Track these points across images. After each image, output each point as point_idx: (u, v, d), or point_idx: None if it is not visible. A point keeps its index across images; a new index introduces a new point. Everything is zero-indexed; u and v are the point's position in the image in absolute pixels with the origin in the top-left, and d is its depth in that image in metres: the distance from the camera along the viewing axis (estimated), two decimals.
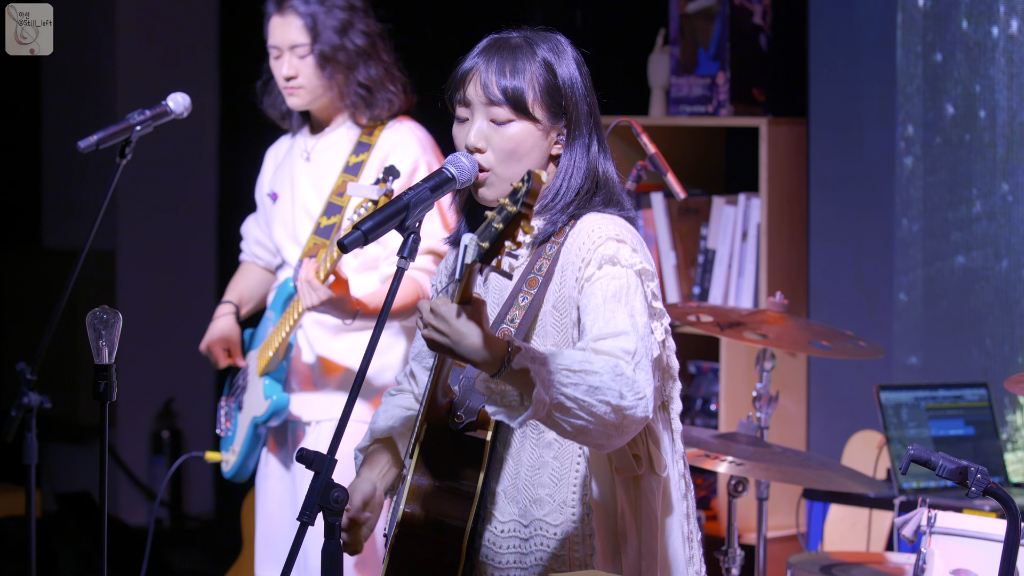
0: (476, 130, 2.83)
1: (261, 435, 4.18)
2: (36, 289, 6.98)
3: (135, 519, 6.97)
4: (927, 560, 3.18)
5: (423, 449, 2.79)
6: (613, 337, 2.67)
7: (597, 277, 2.74)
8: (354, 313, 3.90)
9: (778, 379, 4.88)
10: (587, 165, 2.85)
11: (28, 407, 3.62)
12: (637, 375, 2.63)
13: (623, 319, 2.69)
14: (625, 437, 2.65)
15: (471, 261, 2.47)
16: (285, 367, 4.11)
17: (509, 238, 2.45)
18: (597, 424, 2.59)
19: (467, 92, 2.84)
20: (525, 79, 2.82)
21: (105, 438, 2.98)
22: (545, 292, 2.81)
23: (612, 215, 2.84)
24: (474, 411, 2.79)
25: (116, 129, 3.73)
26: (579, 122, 2.86)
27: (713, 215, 5.18)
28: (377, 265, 4.11)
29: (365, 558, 4.09)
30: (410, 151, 4.10)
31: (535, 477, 2.82)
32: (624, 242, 2.78)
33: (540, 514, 2.81)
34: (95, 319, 2.92)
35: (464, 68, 2.86)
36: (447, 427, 2.79)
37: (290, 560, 2.54)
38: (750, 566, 4.66)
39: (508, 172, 2.82)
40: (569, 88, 2.84)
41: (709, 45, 5.17)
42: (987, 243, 4.76)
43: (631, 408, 2.61)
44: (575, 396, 2.57)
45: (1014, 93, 4.71)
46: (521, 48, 2.84)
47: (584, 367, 2.59)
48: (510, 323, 2.80)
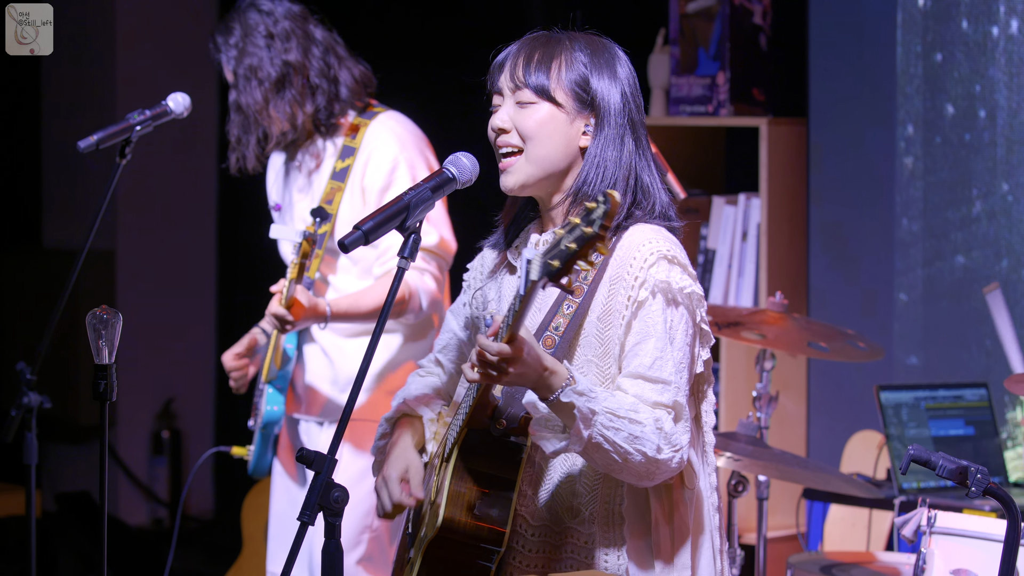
0: (502, 113, 2.85)
1: (269, 437, 4.20)
2: (36, 289, 6.98)
3: (135, 519, 6.97)
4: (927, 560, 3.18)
5: (462, 454, 2.79)
6: (654, 383, 2.73)
7: (650, 305, 2.76)
8: (323, 318, 3.94)
9: (778, 379, 4.88)
10: (622, 162, 2.83)
11: (28, 407, 3.62)
12: (677, 427, 2.72)
13: (669, 367, 2.74)
14: (655, 481, 2.75)
15: (537, 278, 2.47)
16: (284, 376, 4.13)
17: (583, 258, 2.44)
18: (630, 468, 2.69)
19: (499, 81, 2.87)
20: (552, 64, 2.83)
21: (105, 438, 2.98)
22: (591, 302, 2.81)
23: (660, 227, 2.84)
24: (516, 419, 2.80)
25: (116, 129, 3.73)
26: (610, 116, 2.84)
27: (713, 215, 5.18)
28: (371, 268, 4.11)
29: (372, 554, 4.10)
30: (389, 150, 4.08)
31: (569, 485, 2.83)
32: (675, 261, 2.79)
33: (572, 522, 2.83)
34: (95, 319, 2.92)
35: (498, 60, 2.89)
36: (488, 432, 2.81)
37: (290, 560, 2.54)
38: (750, 566, 4.65)
39: (534, 153, 2.82)
40: (602, 86, 2.84)
41: (709, 45, 5.17)
42: (987, 243, 4.76)
43: (667, 460, 2.71)
44: (614, 441, 2.66)
45: (1014, 93, 4.71)
46: (556, 40, 2.86)
47: (630, 415, 2.67)
48: (554, 331, 2.80)
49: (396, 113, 4.17)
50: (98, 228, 3.70)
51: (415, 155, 4.10)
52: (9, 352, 6.98)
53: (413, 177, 4.02)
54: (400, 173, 4.05)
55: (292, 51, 4.05)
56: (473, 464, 2.78)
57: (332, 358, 4.14)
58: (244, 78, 4.05)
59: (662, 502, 2.82)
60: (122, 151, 3.73)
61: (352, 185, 4.07)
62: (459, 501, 2.76)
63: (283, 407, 4.14)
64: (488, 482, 2.78)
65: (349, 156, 4.11)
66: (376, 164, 4.06)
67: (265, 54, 4.04)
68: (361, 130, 4.11)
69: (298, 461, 2.54)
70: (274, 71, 4.04)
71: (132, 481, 7.06)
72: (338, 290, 4.11)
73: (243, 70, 4.04)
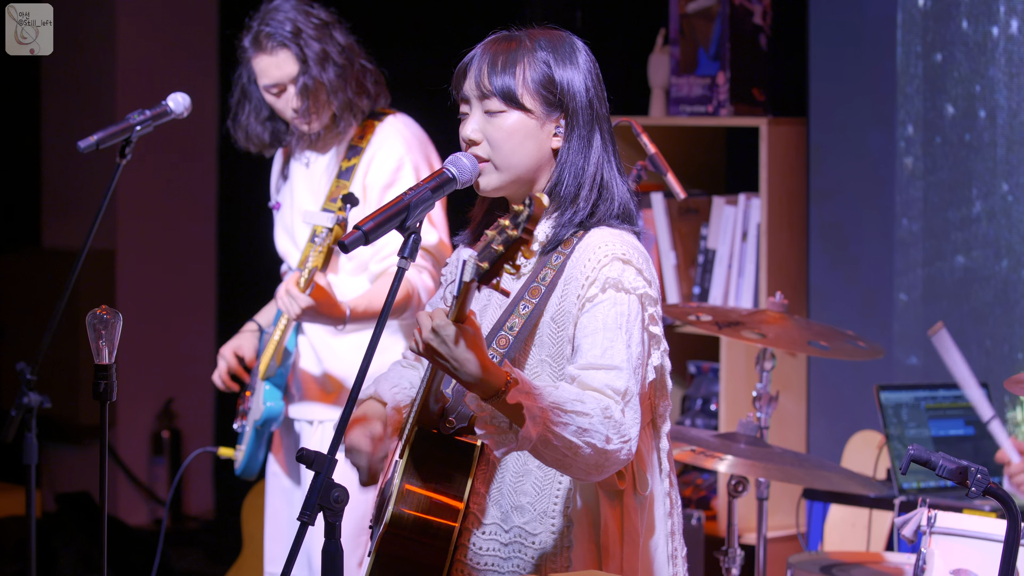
0: (472, 124, 2.84)
1: (263, 436, 4.20)
2: (36, 289, 6.98)
3: (135, 519, 6.97)
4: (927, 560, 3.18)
5: (412, 451, 2.79)
6: (606, 370, 2.70)
7: (599, 300, 2.74)
8: (342, 319, 3.91)
9: (778, 379, 4.88)
10: (591, 160, 2.83)
11: (28, 407, 3.62)
12: (626, 417, 2.68)
13: (619, 352, 2.71)
14: (605, 475, 2.70)
15: (469, 280, 2.48)
16: (284, 373, 4.12)
17: (508, 261, 2.46)
18: (579, 462, 2.64)
19: (464, 88, 2.85)
20: (516, 69, 2.81)
21: (105, 438, 2.98)
22: (546, 303, 2.80)
23: (622, 231, 2.83)
24: (465, 417, 2.79)
25: (116, 129, 3.73)
26: (577, 115, 2.83)
27: (713, 215, 5.18)
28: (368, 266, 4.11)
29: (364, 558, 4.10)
30: (394, 152, 4.09)
31: (518, 484, 2.83)
32: (630, 263, 2.77)
33: (520, 521, 2.82)
34: (95, 319, 2.92)
35: (461, 65, 2.88)
36: (437, 431, 2.80)
37: (290, 560, 2.54)
38: (750, 566, 4.66)
39: (505, 163, 2.82)
40: (567, 81, 2.83)
41: (709, 45, 5.18)
42: (987, 243, 4.77)
43: (615, 451, 2.66)
44: (562, 435, 2.61)
45: (1014, 93, 4.72)
46: (518, 41, 2.84)
47: (576, 407, 2.63)
48: (509, 331, 2.80)
49: (404, 116, 4.19)
50: (98, 228, 3.70)
51: (420, 158, 4.11)
52: (9, 352, 6.98)
53: (417, 179, 4.03)
54: (405, 172, 4.06)
55: (342, 50, 4.09)
56: (423, 462, 2.78)
57: (321, 356, 4.14)
58: (317, 61, 4.05)
59: (613, 506, 2.82)
60: (122, 151, 3.74)
61: (356, 183, 4.09)
62: (408, 498, 2.76)
63: (282, 403, 4.13)
64: (438, 480, 2.77)
65: (355, 155, 4.12)
66: (381, 162, 4.07)
67: (328, 46, 4.07)
68: (369, 131, 4.13)
69: (298, 461, 2.54)
70: (340, 59, 4.06)
71: (132, 481, 7.06)
72: (334, 285, 4.10)
73: (313, 54, 4.05)
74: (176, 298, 7.16)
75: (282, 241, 4.28)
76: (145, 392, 7.07)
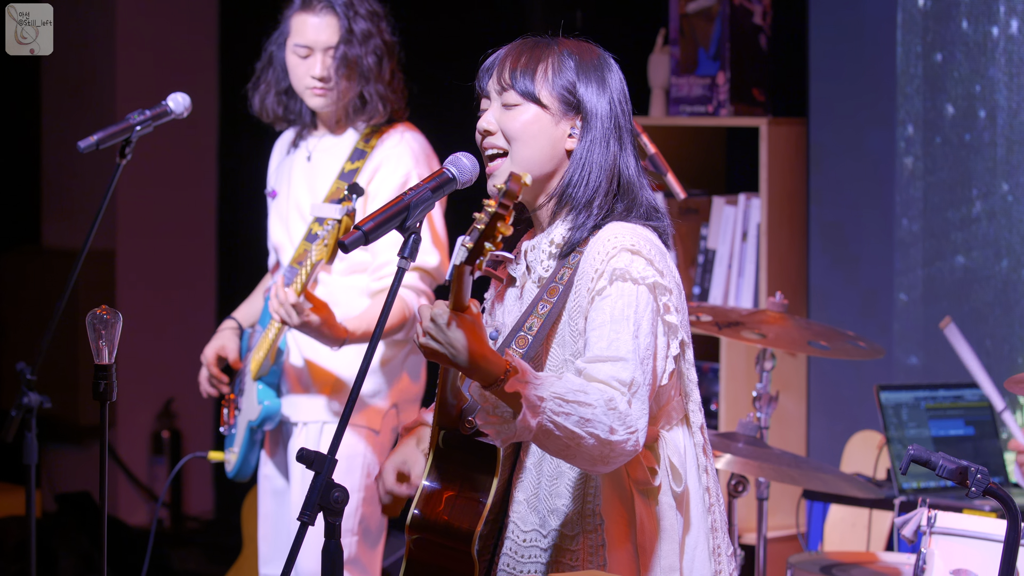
0: (488, 115, 2.86)
1: (257, 437, 4.19)
2: (36, 289, 6.98)
3: (135, 519, 6.97)
4: (927, 560, 3.18)
5: (437, 454, 2.78)
6: (612, 362, 2.68)
7: (607, 292, 2.73)
8: (341, 341, 3.89)
9: (778, 379, 4.88)
10: (606, 164, 2.83)
11: (28, 407, 3.62)
12: (632, 408, 2.65)
13: (625, 343, 2.69)
14: (611, 466, 2.68)
15: (459, 263, 2.48)
16: (277, 371, 4.11)
17: (489, 238, 2.46)
18: (583, 452, 2.63)
19: (486, 84, 2.87)
20: (539, 67, 2.83)
21: (105, 438, 2.98)
22: (564, 302, 2.80)
23: (635, 224, 2.82)
24: None
25: (116, 129, 3.73)
26: (595, 118, 2.83)
27: (713, 215, 5.18)
28: (365, 268, 4.09)
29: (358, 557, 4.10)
30: (402, 163, 4.08)
31: (553, 487, 2.82)
32: (638, 253, 2.75)
33: (557, 524, 2.81)
34: (95, 319, 2.92)
35: (486, 64, 2.89)
36: (460, 432, 2.79)
37: (290, 560, 2.55)
38: (750, 566, 4.66)
39: (517, 155, 2.83)
40: (587, 87, 2.83)
41: (709, 45, 5.18)
42: (987, 243, 4.77)
43: (621, 442, 2.63)
44: (564, 425, 2.60)
45: (1014, 93, 4.72)
46: (545, 44, 2.86)
47: (578, 397, 2.61)
48: (528, 331, 2.79)
49: (412, 127, 4.17)
50: (98, 228, 3.70)
51: (425, 172, 4.09)
52: (9, 352, 6.98)
53: None
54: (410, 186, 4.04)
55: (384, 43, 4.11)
56: (446, 464, 2.77)
57: (310, 356, 4.12)
58: (362, 40, 4.05)
59: (648, 504, 2.80)
60: (122, 151, 3.74)
61: None
62: (430, 500, 2.76)
63: (279, 401, 4.11)
64: (460, 481, 2.76)
65: (360, 159, 4.10)
66: (387, 172, 4.06)
67: (375, 33, 4.08)
68: (375, 137, 4.11)
69: (298, 461, 2.54)
70: (378, 50, 4.07)
71: (132, 481, 7.06)
72: (325, 284, 4.09)
73: (359, 31, 4.05)
74: (176, 298, 7.16)
75: (276, 231, 4.25)
76: (145, 392, 7.06)
